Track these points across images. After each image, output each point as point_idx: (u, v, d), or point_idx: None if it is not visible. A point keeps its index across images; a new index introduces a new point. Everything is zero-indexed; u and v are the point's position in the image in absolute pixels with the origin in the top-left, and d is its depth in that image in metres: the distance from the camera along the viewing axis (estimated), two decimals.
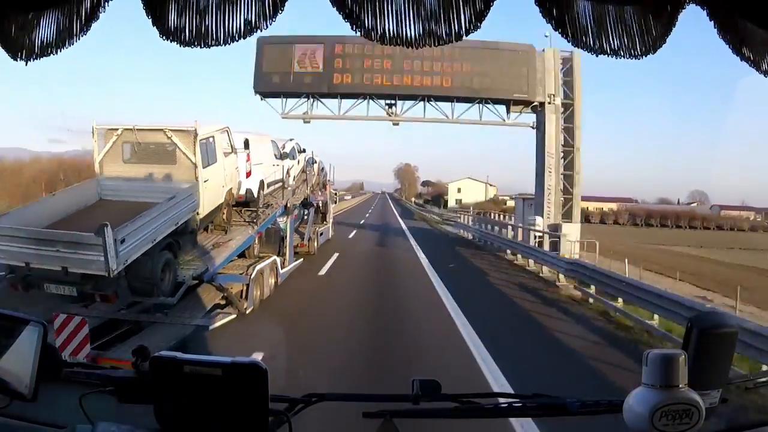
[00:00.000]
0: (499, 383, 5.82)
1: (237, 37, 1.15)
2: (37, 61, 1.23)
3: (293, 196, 12.64)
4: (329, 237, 19.02)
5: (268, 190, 11.09)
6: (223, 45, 1.16)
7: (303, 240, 14.57)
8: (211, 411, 1.13)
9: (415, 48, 1.19)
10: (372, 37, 1.17)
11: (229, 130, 8.93)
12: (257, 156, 10.30)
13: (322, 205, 17.63)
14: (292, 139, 14.13)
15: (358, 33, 1.17)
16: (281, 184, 11.98)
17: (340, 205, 32.02)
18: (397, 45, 1.18)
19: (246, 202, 10.08)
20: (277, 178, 11.81)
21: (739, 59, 1.24)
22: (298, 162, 14.53)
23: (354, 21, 1.15)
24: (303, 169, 14.93)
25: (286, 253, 11.38)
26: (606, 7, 1.19)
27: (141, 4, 1.16)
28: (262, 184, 10.52)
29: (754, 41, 1.20)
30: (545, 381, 5.65)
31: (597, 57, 1.27)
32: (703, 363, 1.11)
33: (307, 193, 14.60)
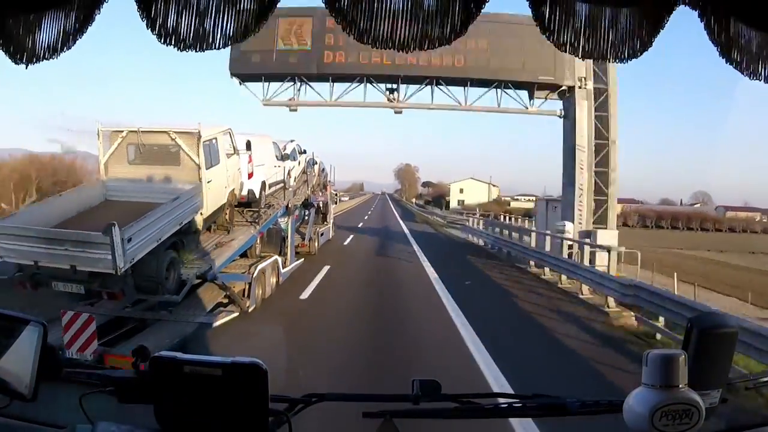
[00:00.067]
0: None
1: (234, 40, 1.12)
2: (38, 63, 1.20)
3: (294, 197, 12.63)
4: (330, 237, 18.99)
5: (269, 190, 11.06)
6: (220, 48, 1.13)
7: (304, 240, 14.55)
8: (211, 411, 1.11)
9: (408, 51, 1.17)
10: (365, 40, 1.14)
11: (232, 132, 8.92)
12: (259, 157, 10.27)
13: (323, 205, 17.61)
14: (293, 141, 14.11)
15: (351, 36, 1.14)
16: (282, 185, 11.97)
17: (337, 207, 28.88)
18: (391, 48, 1.15)
19: (248, 202, 10.05)
20: (279, 179, 11.81)
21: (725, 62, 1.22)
22: (299, 163, 14.51)
23: (348, 24, 1.13)
24: (304, 170, 14.91)
25: (287, 252, 11.35)
26: (599, 8, 1.17)
27: (137, 8, 1.13)
28: (263, 185, 10.50)
29: (742, 43, 1.18)
30: None
31: (583, 60, 1.25)
32: (703, 363, 1.09)
33: (308, 194, 14.57)
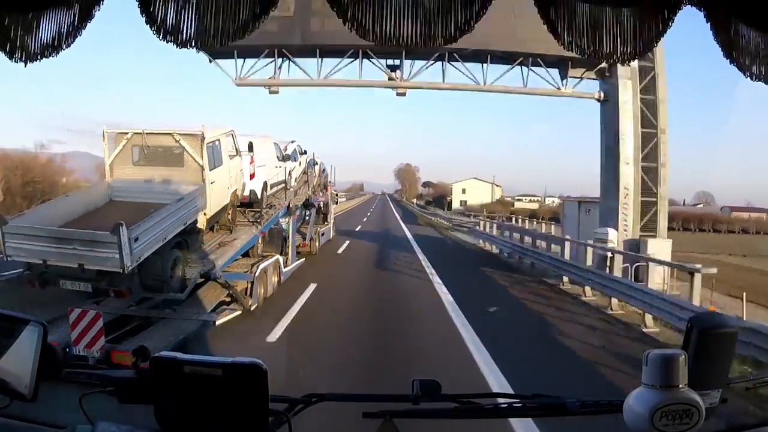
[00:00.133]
0: None
1: (234, 37, 1.10)
2: (36, 62, 1.17)
3: (295, 197, 12.60)
4: (330, 237, 18.93)
5: (270, 191, 11.02)
6: (219, 45, 1.10)
7: (305, 240, 14.51)
8: (211, 411, 1.08)
9: (413, 49, 1.14)
10: (369, 38, 1.12)
11: (234, 134, 8.90)
12: (260, 158, 10.23)
13: (323, 205, 17.59)
14: (293, 141, 14.07)
15: (355, 33, 1.12)
16: (283, 186, 11.94)
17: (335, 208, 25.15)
18: (395, 45, 1.13)
19: (250, 202, 10.00)
20: (280, 180, 11.78)
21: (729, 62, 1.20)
22: (300, 164, 14.46)
23: (351, 22, 1.10)
24: (304, 171, 14.85)
25: (288, 252, 11.33)
26: (602, 8, 1.14)
27: (137, 5, 1.10)
28: (265, 185, 10.46)
29: (747, 45, 1.15)
30: None
31: (588, 59, 1.23)
32: (703, 363, 1.07)
33: (309, 194, 14.55)
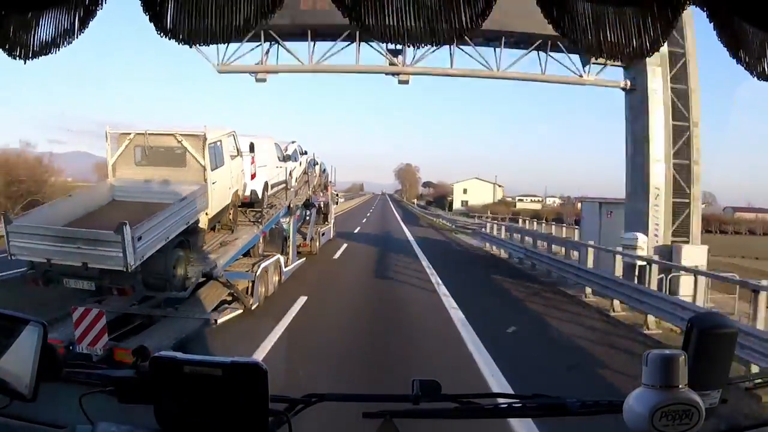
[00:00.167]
0: None
1: (236, 35, 1.08)
2: (36, 60, 1.16)
3: (295, 197, 12.57)
4: (331, 237, 18.87)
5: (271, 191, 10.98)
6: (221, 43, 1.09)
7: (305, 240, 14.46)
8: (211, 411, 1.07)
9: (416, 47, 1.13)
10: (373, 36, 1.10)
11: (235, 134, 8.89)
12: (261, 158, 10.21)
13: (324, 205, 17.54)
14: (294, 142, 14.00)
15: (358, 30, 1.10)
16: (284, 186, 11.90)
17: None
18: (398, 43, 1.11)
19: (251, 202, 9.98)
20: (281, 180, 11.73)
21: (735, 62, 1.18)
22: (300, 164, 14.41)
23: (355, 19, 1.09)
24: (305, 171, 14.79)
25: (289, 252, 11.31)
26: (606, 7, 1.13)
27: (140, 4, 1.09)
28: (266, 185, 10.43)
29: (752, 44, 1.14)
30: None
31: (596, 59, 1.21)
32: (703, 363, 1.06)
33: (309, 194, 14.51)
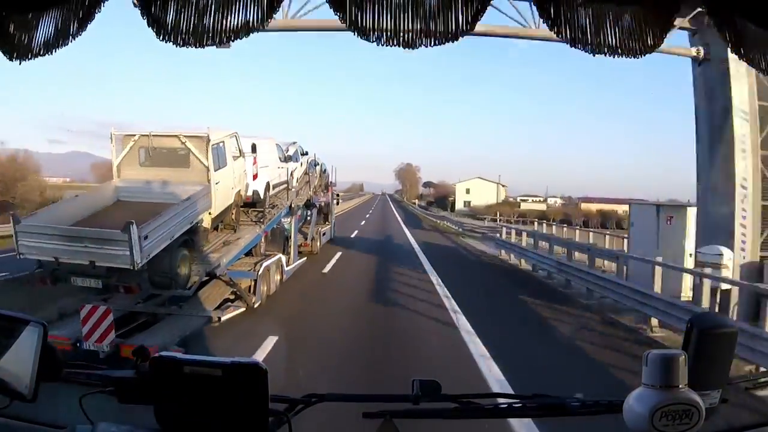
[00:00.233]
0: None
1: (234, 37, 1.05)
2: (33, 60, 1.13)
3: (297, 197, 12.53)
4: (331, 237, 18.77)
5: (273, 191, 10.94)
6: (219, 45, 1.06)
7: (306, 240, 14.40)
8: (211, 411, 1.04)
9: (413, 48, 1.09)
10: (370, 38, 1.07)
11: (238, 135, 8.86)
12: (263, 159, 10.17)
13: (325, 205, 17.47)
14: (295, 142, 13.95)
15: (354, 33, 1.07)
16: (285, 186, 11.86)
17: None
18: (395, 45, 1.08)
19: (253, 202, 9.95)
20: (282, 180, 11.69)
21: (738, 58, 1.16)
22: (301, 164, 14.35)
23: (351, 21, 1.06)
24: (306, 171, 14.74)
25: (290, 251, 11.26)
26: (604, 7, 1.10)
27: (139, 7, 1.06)
28: (267, 185, 10.39)
29: (752, 40, 1.12)
30: None
31: (594, 56, 1.18)
32: (703, 363, 1.03)
33: (310, 195, 14.46)
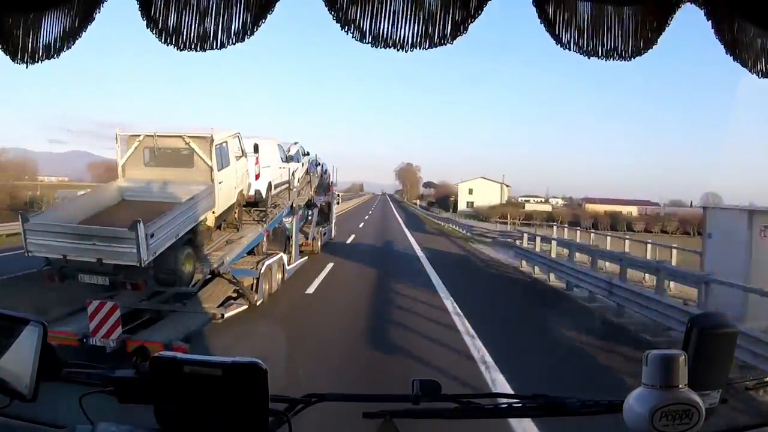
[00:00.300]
0: None
1: (234, 40, 1.03)
2: (38, 63, 1.10)
3: (298, 197, 12.48)
4: (332, 237, 18.61)
5: (275, 191, 10.89)
6: (220, 48, 1.03)
7: (307, 239, 14.34)
8: (211, 411, 1.02)
9: (410, 50, 1.07)
10: (366, 40, 1.05)
11: (240, 136, 8.83)
12: (265, 159, 10.12)
13: (325, 205, 17.36)
14: (296, 143, 13.86)
15: (351, 35, 1.04)
16: (287, 186, 11.81)
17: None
18: (392, 48, 1.05)
19: (255, 202, 9.92)
20: (284, 180, 11.63)
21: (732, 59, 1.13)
22: (303, 164, 14.26)
23: (348, 23, 1.03)
24: (307, 171, 14.63)
25: (291, 251, 11.22)
26: (603, 6, 1.08)
27: (138, 8, 1.04)
28: (269, 185, 10.33)
29: (750, 42, 1.09)
30: None
31: (589, 59, 1.16)
32: (703, 363, 1.01)
33: (311, 195, 14.40)
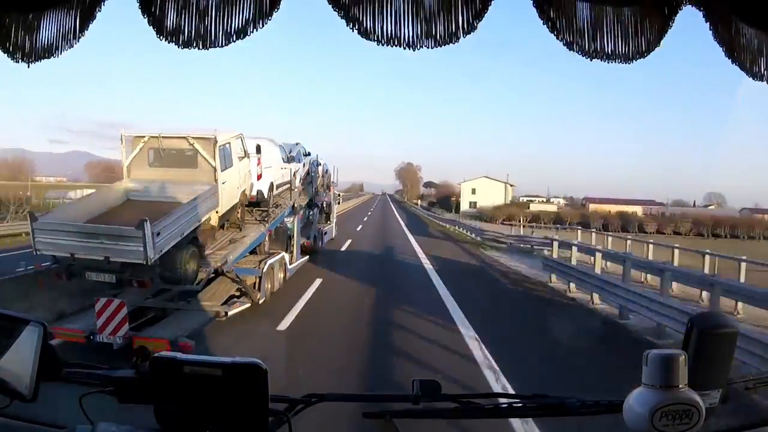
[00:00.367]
0: None
1: (235, 38, 1.00)
2: (38, 63, 1.07)
3: (299, 197, 12.43)
4: (333, 236, 18.51)
5: (276, 191, 10.84)
6: (221, 46, 1.01)
7: (308, 239, 14.30)
8: (211, 411, 0.99)
9: (414, 49, 1.04)
10: (370, 38, 1.02)
11: (243, 137, 8.79)
12: (267, 160, 10.08)
13: (326, 205, 17.29)
14: (298, 143, 13.81)
15: (355, 33, 1.02)
16: (288, 186, 11.77)
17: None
18: (395, 46, 1.03)
19: (257, 202, 9.86)
20: (285, 180, 11.57)
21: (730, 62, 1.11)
22: (304, 165, 14.20)
23: (352, 21, 1.01)
24: (308, 172, 14.56)
25: (293, 250, 11.18)
26: (603, 8, 1.05)
27: (138, 7, 1.01)
28: (271, 185, 10.29)
29: (749, 44, 1.06)
30: None
31: (591, 60, 1.13)
32: (703, 363, 0.98)
33: (312, 194, 14.35)
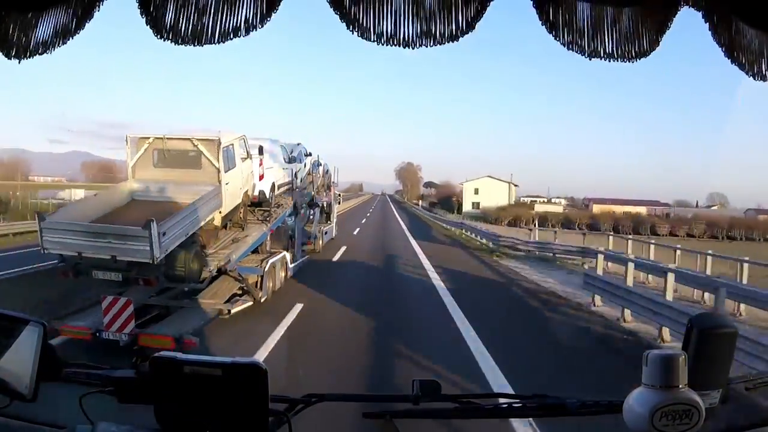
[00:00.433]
0: None
1: (233, 36, 0.98)
2: (34, 60, 1.05)
3: (300, 197, 12.40)
4: (333, 236, 18.44)
5: (278, 191, 10.80)
6: (218, 44, 0.98)
7: (309, 238, 14.25)
8: (211, 411, 0.97)
9: (412, 48, 1.02)
10: (369, 38, 1.00)
11: (246, 138, 8.77)
12: (268, 160, 10.05)
13: (327, 205, 17.23)
14: (299, 144, 13.75)
15: (354, 33, 0.99)
16: (290, 186, 11.73)
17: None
18: (395, 45, 1.00)
19: (259, 202, 9.81)
20: (287, 181, 11.53)
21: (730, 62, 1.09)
22: (305, 165, 14.14)
23: (351, 21, 0.98)
24: (309, 172, 14.49)
25: (294, 249, 11.15)
26: (603, 8, 1.03)
27: (137, 6, 0.98)
28: (273, 186, 10.24)
29: (749, 44, 1.04)
30: None
31: (590, 60, 1.11)
32: (703, 363, 0.96)
33: (313, 195, 14.32)
